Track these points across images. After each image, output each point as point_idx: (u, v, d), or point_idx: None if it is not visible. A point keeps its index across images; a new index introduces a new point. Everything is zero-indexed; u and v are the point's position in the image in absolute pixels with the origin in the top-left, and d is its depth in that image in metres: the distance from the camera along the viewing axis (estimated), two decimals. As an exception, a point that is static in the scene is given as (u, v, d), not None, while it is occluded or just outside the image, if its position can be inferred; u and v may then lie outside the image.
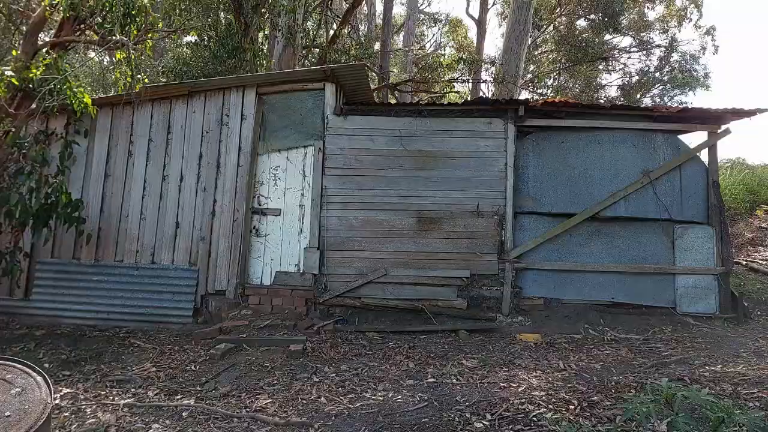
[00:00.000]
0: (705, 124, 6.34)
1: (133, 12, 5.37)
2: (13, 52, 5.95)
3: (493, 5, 21.41)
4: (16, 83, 5.23)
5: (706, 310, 5.98)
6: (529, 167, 6.29)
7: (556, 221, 6.18)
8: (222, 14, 10.79)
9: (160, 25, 6.58)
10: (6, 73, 5.08)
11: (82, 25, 6.09)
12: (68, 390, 3.94)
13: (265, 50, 9.79)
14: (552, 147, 6.32)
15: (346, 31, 14.73)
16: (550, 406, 3.24)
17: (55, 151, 5.98)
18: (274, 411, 3.53)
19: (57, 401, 3.68)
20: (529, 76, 19.67)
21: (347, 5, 14.62)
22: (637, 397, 2.79)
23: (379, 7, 20.05)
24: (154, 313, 5.90)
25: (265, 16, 9.86)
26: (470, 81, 16.35)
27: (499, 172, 6.18)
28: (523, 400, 3.40)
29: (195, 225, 6.13)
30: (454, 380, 4.07)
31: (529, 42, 15.85)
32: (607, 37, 18.83)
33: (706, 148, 6.36)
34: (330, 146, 6.23)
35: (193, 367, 4.54)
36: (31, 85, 5.29)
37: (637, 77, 19.33)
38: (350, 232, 6.15)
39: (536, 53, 20.44)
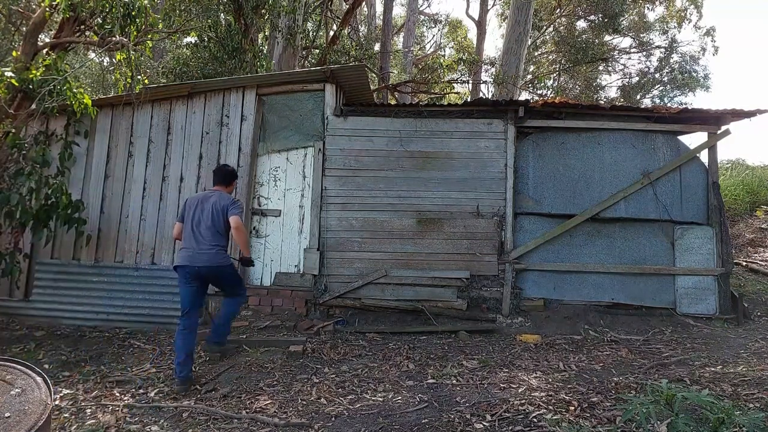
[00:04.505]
0: (705, 125, 6.34)
1: (133, 13, 5.38)
2: (13, 53, 5.95)
3: (493, 6, 21.44)
4: (16, 84, 5.23)
5: (706, 311, 5.99)
6: (529, 168, 6.29)
7: (556, 222, 6.18)
8: (222, 15, 10.80)
9: (160, 26, 6.59)
10: (6, 74, 5.09)
11: (82, 26, 6.10)
12: (68, 391, 3.94)
13: (265, 51, 9.80)
14: (552, 148, 6.32)
15: (346, 31, 14.73)
16: (550, 407, 3.24)
17: (55, 151, 5.98)
18: (274, 412, 3.53)
19: (57, 402, 3.69)
20: (529, 76, 19.67)
21: (347, 6, 14.63)
22: (637, 398, 2.79)
23: (379, 8, 20.09)
24: (154, 314, 5.90)
25: (265, 17, 9.86)
26: (470, 82, 16.40)
27: (499, 173, 6.18)
28: (523, 401, 3.40)
29: (195, 226, 6.11)
30: (454, 381, 4.07)
31: (529, 43, 15.86)
32: (607, 38, 18.84)
33: (706, 149, 6.36)
34: (330, 147, 6.24)
35: (192, 368, 4.53)
36: (30, 86, 5.29)
37: (637, 78, 19.36)
38: (350, 232, 6.15)
39: (536, 54, 20.45)
